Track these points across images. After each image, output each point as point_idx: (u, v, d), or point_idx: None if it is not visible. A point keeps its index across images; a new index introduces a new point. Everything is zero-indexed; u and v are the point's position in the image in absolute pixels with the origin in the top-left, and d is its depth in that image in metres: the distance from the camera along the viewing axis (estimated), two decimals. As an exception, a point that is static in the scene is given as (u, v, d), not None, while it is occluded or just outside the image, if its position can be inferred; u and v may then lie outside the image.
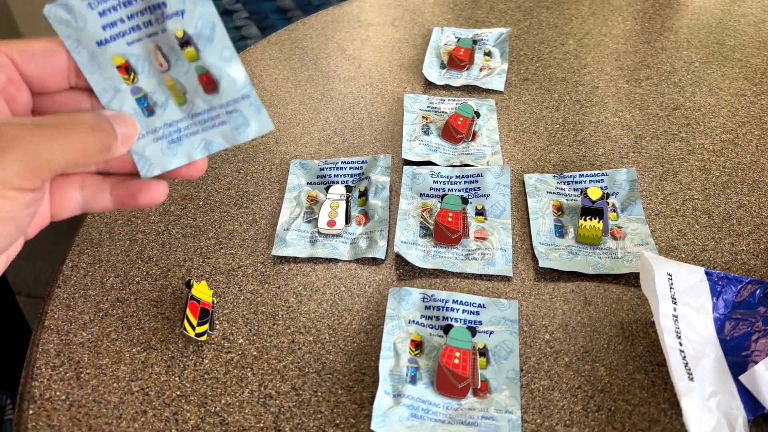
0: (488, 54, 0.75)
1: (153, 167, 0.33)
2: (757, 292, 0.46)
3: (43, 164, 0.26)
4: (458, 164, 0.60)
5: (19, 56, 0.29)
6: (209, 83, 0.32)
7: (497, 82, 0.71)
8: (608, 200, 0.55)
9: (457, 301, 0.48)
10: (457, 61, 0.73)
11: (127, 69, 0.32)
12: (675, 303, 0.44)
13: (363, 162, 0.60)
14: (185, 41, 0.31)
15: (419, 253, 0.52)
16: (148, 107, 0.32)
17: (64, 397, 0.43)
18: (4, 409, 1.01)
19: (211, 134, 0.33)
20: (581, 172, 0.58)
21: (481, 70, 0.73)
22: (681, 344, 0.42)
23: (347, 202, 0.56)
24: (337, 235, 0.54)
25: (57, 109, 0.31)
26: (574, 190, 0.57)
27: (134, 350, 0.46)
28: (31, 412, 0.43)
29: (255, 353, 0.46)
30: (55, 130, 0.27)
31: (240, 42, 1.44)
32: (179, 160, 0.33)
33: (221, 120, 0.32)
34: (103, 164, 0.33)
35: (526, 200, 0.56)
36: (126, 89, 0.32)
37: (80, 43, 0.31)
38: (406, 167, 0.59)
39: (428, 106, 0.67)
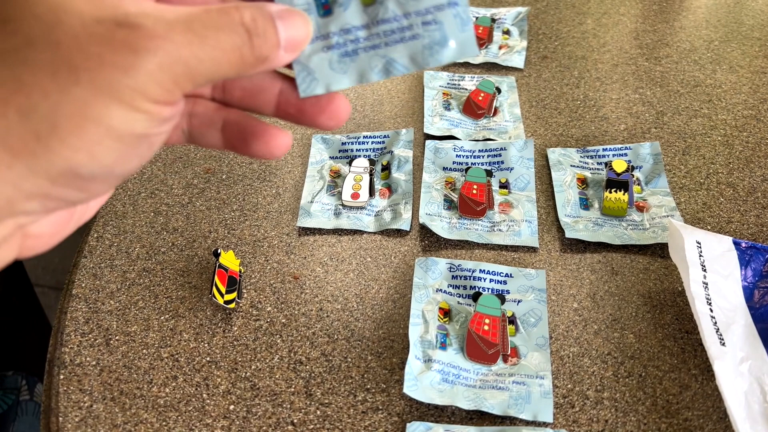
0: (507, 32, 0.75)
1: (316, 84, 0.26)
2: (786, 261, 0.46)
3: (187, 73, 0.21)
4: (480, 139, 0.60)
5: None
6: None
7: (517, 60, 0.70)
8: (633, 173, 0.55)
9: (484, 270, 0.48)
10: (476, 39, 0.72)
11: None
12: (705, 270, 0.44)
13: (385, 136, 0.60)
14: None
15: (444, 224, 0.52)
16: (325, 4, 0.26)
17: (94, 363, 0.43)
18: (20, 390, 1.02)
19: (396, 51, 0.26)
20: (605, 146, 0.58)
21: (500, 48, 0.73)
22: (711, 310, 0.42)
23: (371, 175, 0.56)
24: (361, 208, 0.54)
25: (184, 2, 0.25)
26: (598, 164, 0.57)
27: (162, 318, 0.46)
28: (62, 377, 0.43)
29: (284, 320, 0.46)
30: (204, 31, 0.21)
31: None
32: (349, 80, 0.26)
33: (413, 33, 0.25)
34: (228, 86, 0.27)
35: (549, 174, 0.56)
36: None
37: None
38: (428, 142, 0.59)
39: (448, 83, 0.67)
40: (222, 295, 0.46)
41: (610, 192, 0.53)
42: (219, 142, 0.27)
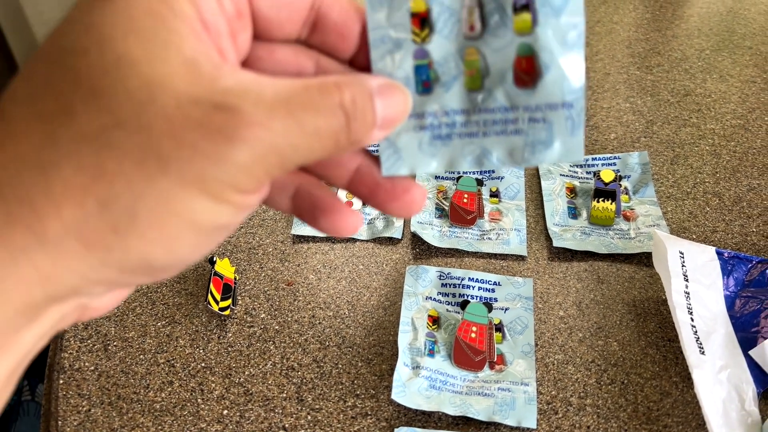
0: (501, 41, 0.76)
1: (401, 164, 0.24)
2: (767, 271, 0.47)
3: (280, 162, 0.20)
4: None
5: None
6: (528, 71, 0.23)
7: (510, 68, 0.71)
8: (621, 183, 0.56)
9: (473, 278, 0.49)
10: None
11: (423, 21, 0.23)
12: (687, 280, 0.45)
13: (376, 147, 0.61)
14: (525, 4, 0.22)
15: (435, 232, 0.53)
16: (426, 81, 0.24)
17: (93, 368, 0.45)
18: (22, 390, 1.03)
19: (493, 143, 0.24)
20: (594, 156, 0.59)
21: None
22: (692, 319, 0.43)
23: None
24: (355, 216, 0.55)
25: (273, 64, 0.24)
26: (587, 173, 0.58)
27: (159, 324, 0.47)
28: (61, 381, 0.44)
29: (277, 327, 0.47)
30: (303, 115, 0.20)
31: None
32: (437, 165, 0.25)
33: (516, 128, 0.23)
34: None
35: (539, 183, 0.58)
36: (409, 47, 0.24)
37: None
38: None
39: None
40: (217, 302, 0.47)
41: (598, 201, 0.54)
42: (288, 207, 0.26)
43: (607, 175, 0.55)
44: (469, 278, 0.49)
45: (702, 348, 0.42)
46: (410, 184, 0.25)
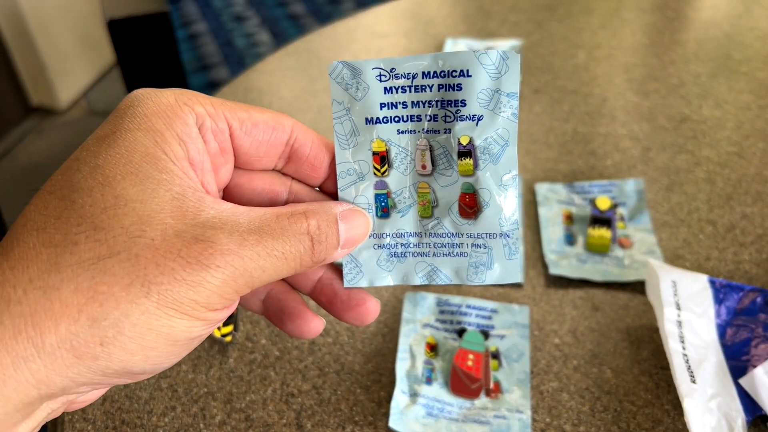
0: (500, 66, 0.77)
1: (361, 277, 0.28)
2: (758, 299, 0.48)
3: (249, 282, 0.23)
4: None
5: (238, 125, 0.26)
6: (471, 206, 0.27)
7: (509, 94, 0.73)
8: (617, 210, 0.57)
9: (470, 306, 0.50)
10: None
11: (383, 159, 0.27)
12: (679, 309, 0.46)
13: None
14: (467, 151, 0.27)
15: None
16: (384, 207, 0.28)
17: (97, 393, 0.46)
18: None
19: (442, 263, 0.28)
20: (591, 182, 0.60)
21: (493, 81, 0.75)
22: (684, 348, 0.44)
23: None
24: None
25: (250, 190, 0.28)
26: (584, 199, 0.59)
27: (163, 349, 0.48)
28: (66, 406, 0.45)
29: (277, 353, 0.48)
30: (272, 242, 0.23)
31: (252, 49, 1.47)
32: (393, 279, 0.28)
33: (461, 251, 0.27)
34: None
35: (536, 209, 0.59)
36: (371, 179, 0.28)
37: (348, 113, 0.27)
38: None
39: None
40: (219, 329, 0.48)
41: (594, 229, 0.55)
42: (259, 309, 0.29)
43: (603, 203, 0.56)
44: (467, 305, 0.50)
45: (693, 376, 0.43)
46: (365, 298, 0.28)
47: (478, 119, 0.27)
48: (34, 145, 2.01)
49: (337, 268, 0.29)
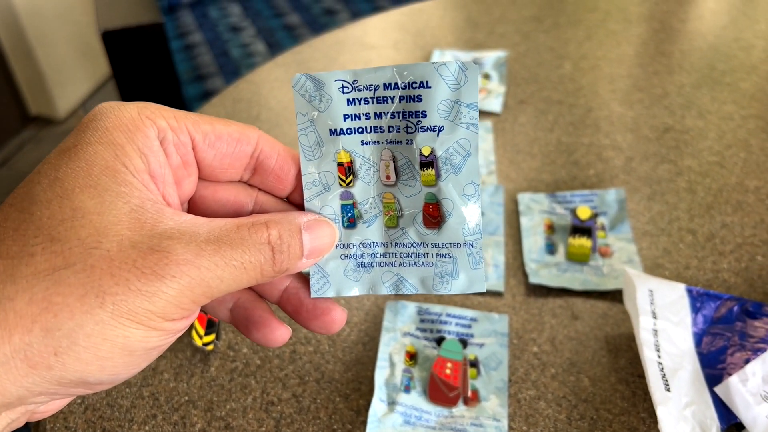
0: (487, 77, 0.78)
1: (328, 287, 0.28)
2: (735, 308, 0.48)
3: (206, 292, 0.23)
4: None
5: (201, 138, 0.26)
6: (434, 216, 0.27)
7: (495, 104, 0.74)
8: (597, 219, 0.58)
9: (450, 314, 0.51)
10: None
11: (348, 170, 0.28)
12: (655, 317, 0.46)
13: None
14: (429, 162, 0.27)
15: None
16: (351, 218, 0.28)
17: (79, 401, 0.46)
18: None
19: (408, 273, 0.28)
20: (572, 192, 0.61)
21: (479, 92, 0.76)
22: (659, 356, 0.45)
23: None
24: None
25: (215, 202, 0.28)
26: (565, 209, 0.60)
27: (145, 358, 0.49)
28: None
29: (258, 362, 0.49)
30: (231, 252, 0.23)
31: (247, 59, 1.48)
32: (360, 289, 0.28)
33: (426, 261, 0.28)
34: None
35: (518, 218, 0.59)
36: (336, 191, 0.28)
37: (312, 125, 0.27)
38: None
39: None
40: (201, 337, 0.48)
41: (574, 238, 0.56)
42: (227, 318, 0.29)
43: (584, 212, 0.57)
44: (447, 314, 0.51)
45: (668, 385, 0.43)
46: (330, 307, 0.28)
47: (439, 130, 0.27)
48: (32, 155, 2.02)
49: (303, 277, 0.29)
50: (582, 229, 0.56)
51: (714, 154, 0.66)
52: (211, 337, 0.49)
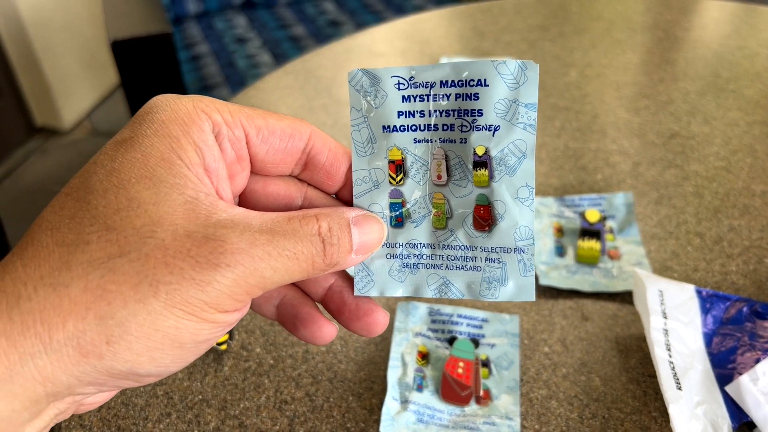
0: (493, 84, 0.79)
1: (372, 286, 0.28)
2: (744, 309, 0.48)
3: (260, 283, 0.23)
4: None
5: (255, 133, 0.26)
6: (485, 218, 0.27)
7: (502, 111, 0.74)
8: (606, 222, 0.59)
9: (461, 315, 0.51)
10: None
11: (398, 167, 0.27)
12: (665, 317, 0.47)
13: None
14: (482, 162, 0.26)
15: (426, 270, 0.55)
16: (399, 217, 0.28)
17: (94, 400, 0.47)
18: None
19: (455, 276, 0.27)
20: (581, 196, 0.61)
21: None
22: (670, 356, 0.45)
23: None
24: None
25: (265, 196, 0.28)
26: (574, 212, 0.60)
27: (159, 358, 0.49)
28: (64, 413, 0.46)
29: (271, 362, 0.49)
30: (284, 242, 0.23)
31: (253, 70, 1.49)
32: (404, 290, 0.28)
33: (475, 265, 0.27)
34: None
35: (527, 222, 0.60)
36: (386, 188, 0.28)
37: (366, 120, 0.27)
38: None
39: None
40: (214, 337, 0.49)
41: (584, 240, 0.56)
42: (273, 315, 0.29)
43: (592, 215, 0.58)
44: (458, 315, 0.51)
45: (679, 384, 0.44)
46: (373, 308, 0.28)
47: (495, 129, 0.26)
48: (38, 166, 2.03)
49: (348, 277, 0.29)
50: (591, 231, 0.57)
51: (720, 159, 0.67)
52: (225, 337, 0.49)
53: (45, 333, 0.21)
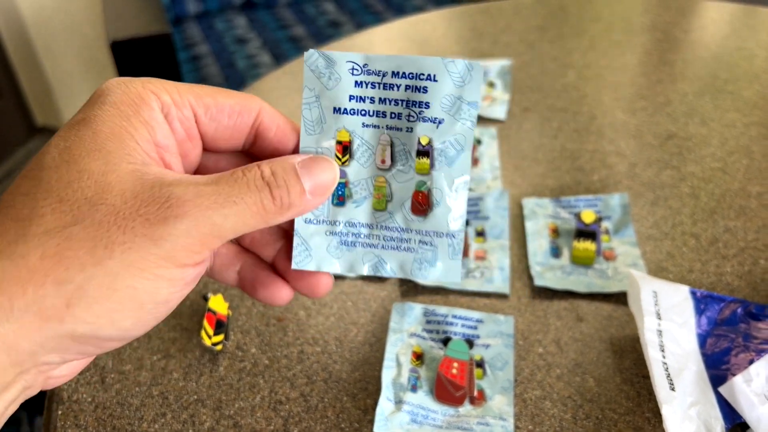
0: (491, 85, 0.79)
1: (309, 260, 0.29)
2: (739, 310, 0.49)
3: (213, 232, 0.24)
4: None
5: (204, 111, 0.27)
6: (423, 204, 0.29)
7: (499, 111, 0.74)
8: (601, 223, 0.59)
9: (456, 315, 0.51)
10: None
11: (345, 149, 0.29)
12: (659, 318, 0.47)
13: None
14: (425, 151, 0.28)
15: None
16: (340, 196, 0.29)
17: (90, 399, 0.47)
18: (21, 422, 1.05)
19: (388, 255, 0.29)
20: (576, 197, 0.62)
21: (484, 99, 0.77)
22: (664, 357, 0.45)
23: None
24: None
25: (217, 171, 0.28)
26: (570, 213, 0.60)
27: (155, 358, 0.50)
28: (59, 412, 0.46)
29: (266, 362, 0.49)
30: (228, 189, 0.24)
31: (253, 70, 1.49)
32: (339, 267, 0.29)
33: (408, 246, 0.29)
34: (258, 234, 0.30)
35: (523, 223, 0.60)
36: None
37: (317, 101, 0.28)
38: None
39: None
40: (210, 337, 0.49)
41: (579, 241, 0.56)
42: (234, 281, 0.31)
43: (588, 216, 0.58)
44: (453, 315, 0.51)
45: (672, 384, 0.44)
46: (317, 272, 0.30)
47: (439, 122, 0.28)
48: (37, 165, 2.03)
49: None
50: (586, 232, 0.57)
51: (717, 161, 0.67)
52: (220, 337, 0.50)
53: (6, 302, 0.21)
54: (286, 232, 0.31)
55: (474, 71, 0.28)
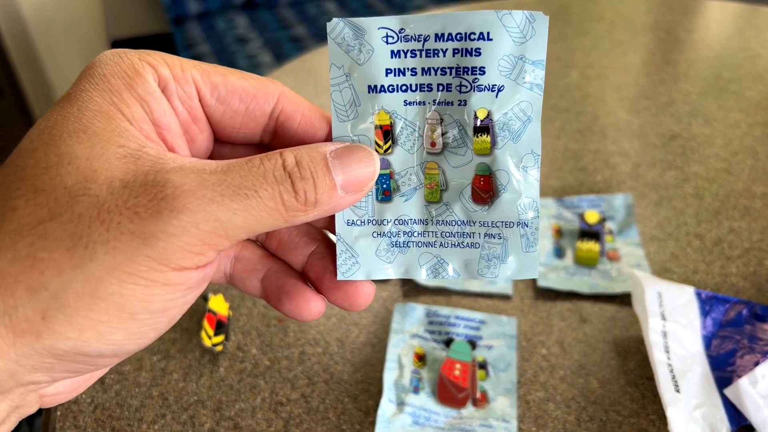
0: (493, 84, 0.79)
1: (357, 268, 0.25)
2: (744, 311, 0.48)
3: (219, 229, 0.19)
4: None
5: (210, 91, 0.23)
6: (485, 190, 0.24)
7: (501, 111, 0.74)
8: (605, 224, 0.58)
9: (459, 317, 0.51)
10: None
11: (386, 134, 0.24)
12: (664, 319, 0.46)
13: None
14: (483, 127, 0.23)
15: (424, 271, 0.55)
16: (386, 190, 0.24)
17: (89, 400, 0.46)
18: (20, 423, 1.04)
19: (449, 254, 0.24)
20: (580, 197, 0.61)
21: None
22: (669, 358, 0.45)
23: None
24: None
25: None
26: (573, 214, 0.60)
27: (154, 358, 0.49)
28: (58, 413, 0.46)
29: (267, 363, 0.49)
30: (239, 179, 0.20)
31: (254, 70, 1.49)
32: (394, 272, 0.25)
33: (472, 241, 0.24)
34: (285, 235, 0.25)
35: (526, 223, 0.59)
36: None
37: (348, 79, 0.24)
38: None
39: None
40: (210, 338, 0.48)
41: (583, 242, 0.56)
42: (257, 290, 0.26)
43: (592, 217, 0.57)
44: (455, 316, 0.51)
45: (677, 386, 0.43)
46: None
47: (498, 90, 0.23)
48: (38, 165, 2.02)
49: (333, 244, 0.26)
50: (590, 233, 0.56)
51: (721, 161, 0.66)
52: (221, 338, 0.49)
53: None
54: (319, 233, 0.27)
55: (537, 23, 0.23)
